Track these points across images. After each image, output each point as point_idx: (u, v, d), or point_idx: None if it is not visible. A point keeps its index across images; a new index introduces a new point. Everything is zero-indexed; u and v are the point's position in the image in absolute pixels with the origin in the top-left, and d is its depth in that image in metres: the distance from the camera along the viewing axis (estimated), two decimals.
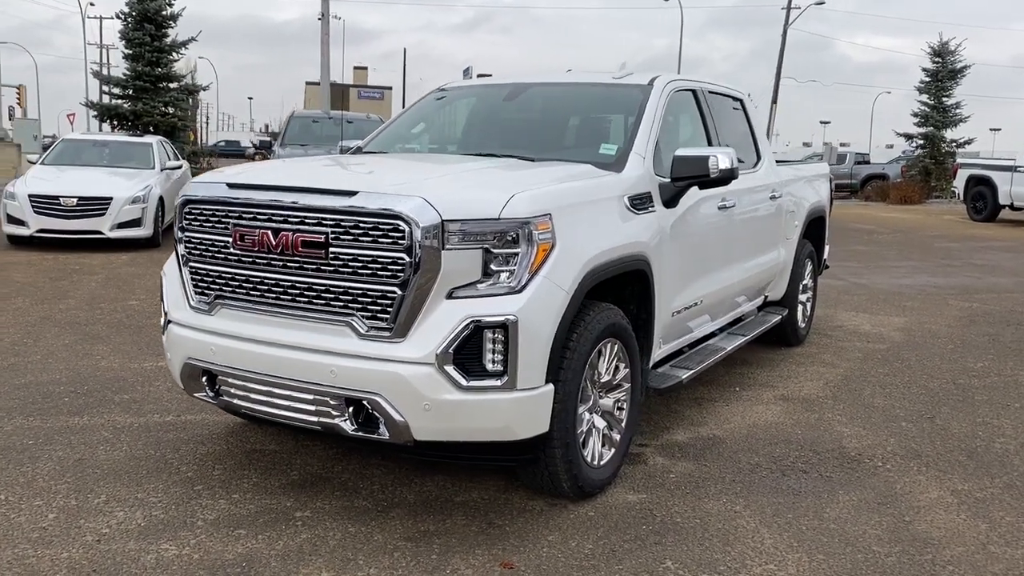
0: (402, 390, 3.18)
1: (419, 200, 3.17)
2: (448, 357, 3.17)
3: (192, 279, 3.70)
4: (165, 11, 21.29)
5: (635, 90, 4.61)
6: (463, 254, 3.20)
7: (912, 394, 5.62)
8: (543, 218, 3.31)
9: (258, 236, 3.41)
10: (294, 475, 3.96)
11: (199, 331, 3.67)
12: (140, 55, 21.24)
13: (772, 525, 3.57)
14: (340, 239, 3.25)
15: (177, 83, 22.21)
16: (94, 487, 3.75)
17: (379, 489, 3.82)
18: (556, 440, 3.46)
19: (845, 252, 14.08)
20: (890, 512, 3.73)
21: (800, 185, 6.58)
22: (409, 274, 3.16)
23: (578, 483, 3.61)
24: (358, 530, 3.42)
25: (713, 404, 5.27)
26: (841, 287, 10.27)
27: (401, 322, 3.20)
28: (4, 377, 5.40)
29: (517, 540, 3.37)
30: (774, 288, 6.37)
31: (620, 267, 3.78)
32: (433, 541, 3.34)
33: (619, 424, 3.96)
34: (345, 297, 3.29)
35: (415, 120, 5.22)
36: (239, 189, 3.55)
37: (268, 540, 3.30)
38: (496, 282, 3.24)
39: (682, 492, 3.89)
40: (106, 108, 21.60)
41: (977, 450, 4.58)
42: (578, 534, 3.43)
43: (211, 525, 3.42)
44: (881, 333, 7.53)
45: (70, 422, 4.58)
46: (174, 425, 4.57)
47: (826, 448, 4.53)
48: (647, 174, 4.16)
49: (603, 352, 3.75)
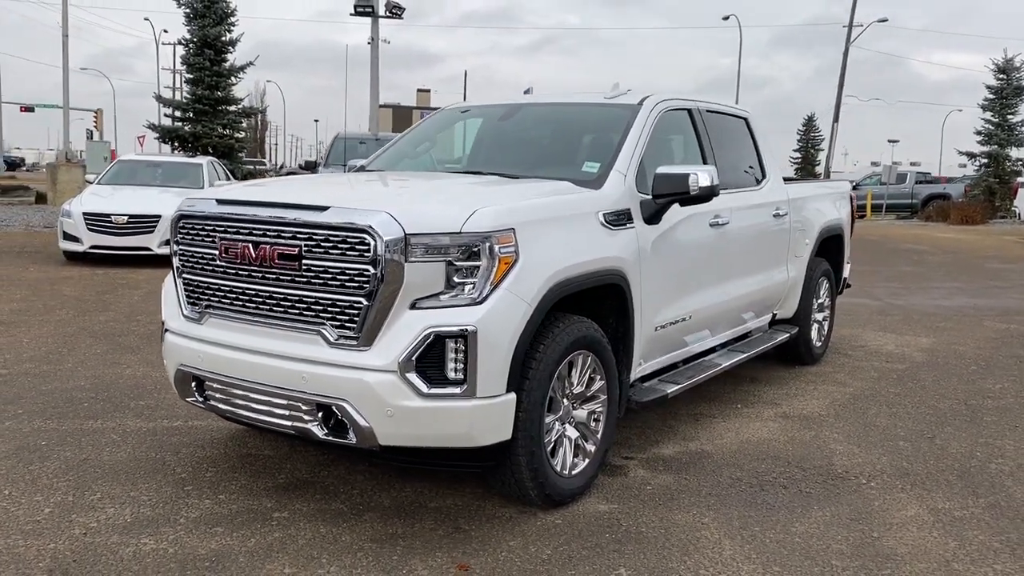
0: (366, 396, 3.33)
1: (384, 215, 3.32)
2: (410, 365, 3.31)
3: (185, 290, 3.92)
4: (224, 37, 22.07)
5: (624, 110, 4.71)
6: (426, 266, 3.34)
7: (919, 414, 5.55)
8: (506, 232, 3.43)
9: (240, 249, 3.61)
10: (281, 478, 4.14)
11: (190, 339, 3.88)
12: (200, 79, 22.06)
13: (736, 537, 3.61)
14: (312, 251, 3.43)
15: (235, 106, 22.94)
16: (92, 485, 3.98)
17: (358, 493, 3.97)
18: (520, 448, 3.56)
19: (890, 273, 13.85)
20: (860, 528, 3.73)
21: (812, 203, 6.57)
22: (374, 285, 3.31)
23: (545, 491, 3.70)
24: (328, 531, 3.56)
25: (710, 420, 5.30)
26: (875, 307, 10.12)
27: (367, 331, 3.35)
28: (34, 383, 5.72)
29: (479, 544, 3.47)
30: (784, 306, 6.36)
31: (592, 281, 3.87)
32: (397, 543, 3.47)
33: (594, 435, 4.04)
34: (316, 307, 3.46)
35: (418, 140, 5.40)
36: (226, 205, 3.76)
37: (242, 538, 3.47)
38: (458, 293, 3.37)
39: (654, 503, 3.94)
40: (167, 130, 22.46)
41: (970, 470, 4.52)
42: (539, 540, 3.52)
43: (192, 522, 3.61)
44: (904, 353, 7.43)
45: (84, 425, 4.84)
46: (180, 430, 4.80)
47: (813, 465, 4.53)
48: (627, 191, 4.25)
49: (575, 364, 3.85)
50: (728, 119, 5.73)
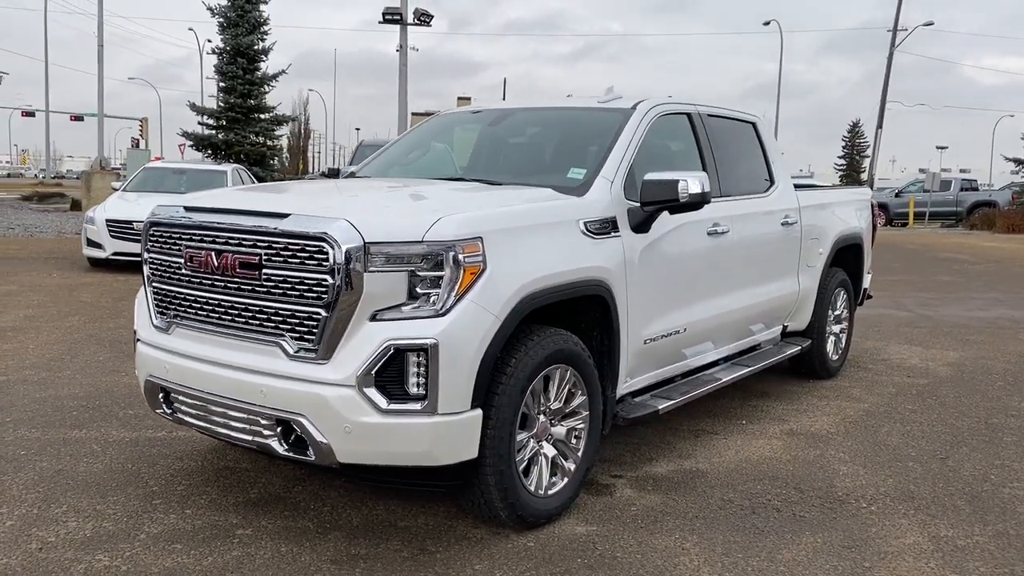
0: (324, 412, 3.20)
1: (343, 223, 3.19)
2: (369, 379, 3.17)
3: (154, 299, 3.84)
4: (257, 46, 22.29)
5: (616, 115, 4.54)
6: (387, 276, 3.20)
7: (934, 432, 5.27)
8: (472, 241, 3.28)
9: (203, 257, 3.51)
10: (253, 493, 4.02)
11: (158, 349, 3.79)
12: (233, 88, 22.30)
13: (716, 564, 3.40)
14: (272, 260, 3.31)
15: (268, 114, 23.13)
16: (60, 497, 3.91)
17: (328, 510, 3.84)
18: (489, 467, 3.40)
19: (925, 283, 13.44)
20: (852, 557, 3.50)
21: (826, 210, 6.32)
22: (333, 295, 3.18)
23: (517, 512, 3.54)
24: (289, 550, 3.43)
25: (711, 437, 5.08)
26: (905, 319, 9.77)
27: (325, 343, 3.23)
28: (29, 390, 5.70)
29: (442, 568, 3.32)
30: (795, 318, 6.11)
31: (570, 292, 3.71)
32: (358, 565, 3.32)
33: (575, 453, 3.86)
34: (276, 318, 3.34)
35: (410, 146, 5.28)
36: (193, 212, 3.66)
37: (198, 556, 3.36)
38: (421, 305, 3.23)
39: (636, 526, 3.75)
40: (200, 138, 22.72)
41: (981, 494, 4.25)
42: (507, 564, 3.36)
43: (152, 538, 3.50)
44: (928, 367, 7.12)
45: (68, 434, 4.79)
46: (162, 441, 4.72)
47: (813, 487, 4.30)
48: (614, 198, 4.08)
49: (552, 378, 3.68)
50: (734, 124, 5.53)
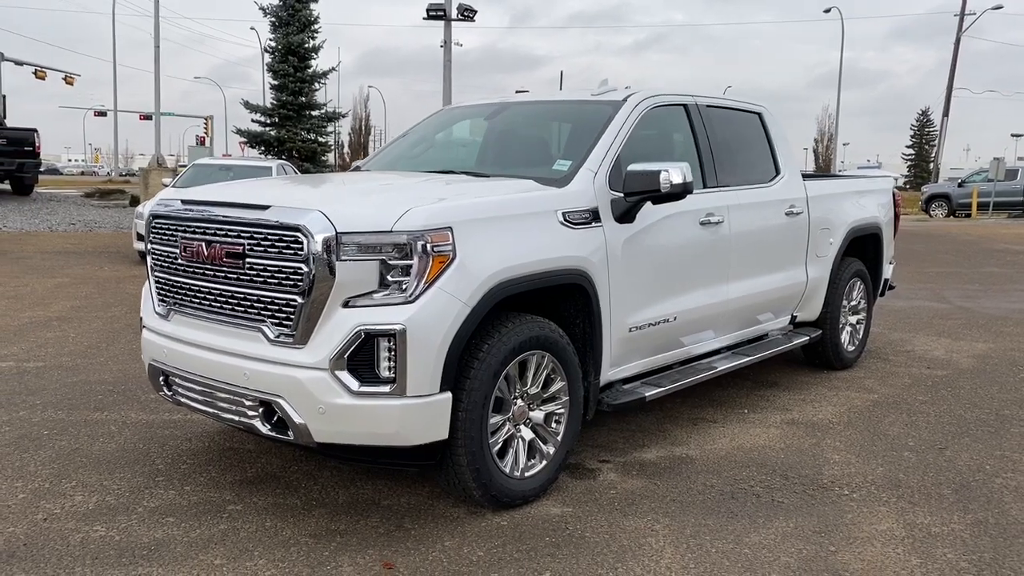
0: (299, 393, 3.38)
1: (317, 214, 3.36)
2: (341, 363, 3.33)
3: (156, 287, 4.06)
4: (308, 44, 22.76)
5: (605, 106, 4.62)
6: (358, 265, 3.35)
7: (939, 423, 5.23)
8: (441, 231, 3.41)
9: (195, 247, 3.71)
10: (251, 472, 4.23)
11: (159, 335, 4.02)
12: (284, 85, 22.82)
13: (681, 546, 3.48)
14: (254, 250, 3.50)
15: (319, 110, 23.61)
16: (72, 474, 4.17)
17: (319, 489, 4.02)
18: (460, 448, 3.53)
19: (972, 274, 13.14)
20: (819, 541, 3.54)
21: (838, 200, 6.28)
22: (308, 283, 3.35)
23: (491, 492, 3.66)
24: (273, 524, 3.62)
25: (709, 425, 5.13)
26: (941, 310, 9.60)
27: (302, 329, 3.40)
28: (63, 375, 6.03)
29: (414, 543, 3.47)
30: (805, 308, 6.10)
31: (546, 280, 3.81)
32: (334, 539, 3.49)
33: (554, 437, 3.97)
34: (259, 304, 3.52)
35: (413, 140, 5.43)
36: (189, 204, 3.87)
37: (187, 528, 3.57)
38: (392, 292, 3.37)
39: (611, 508, 3.85)
40: (253, 135, 23.31)
41: (971, 484, 4.23)
42: (476, 541, 3.49)
43: (148, 512, 3.73)
44: (951, 359, 7.02)
45: (89, 416, 5.07)
46: (176, 423, 4.97)
47: (800, 474, 4.33)
48: (597, 189, 4.17)
49: (528, 364, 3.79)
50: (737, 114, 5.55)
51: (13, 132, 20.73)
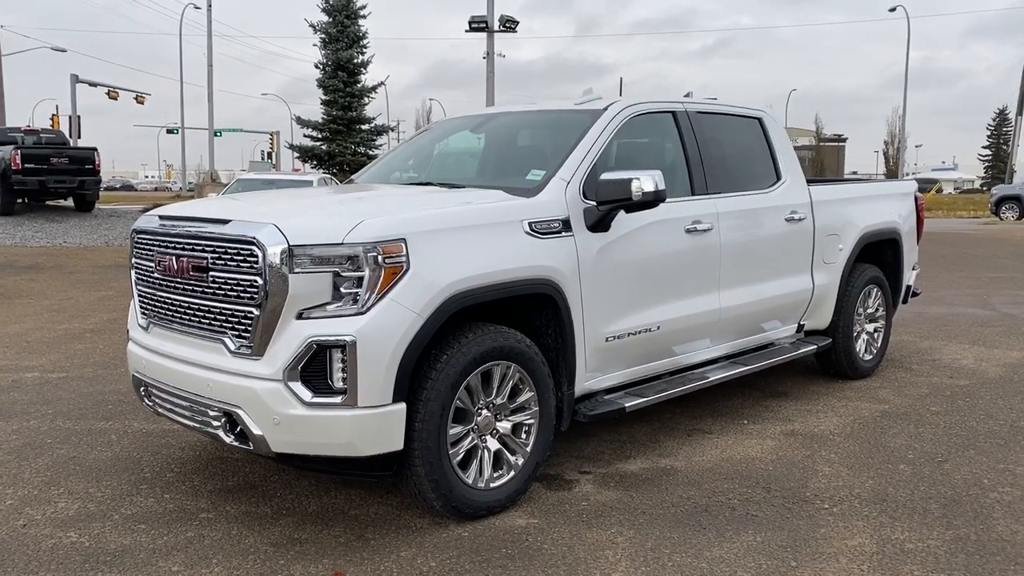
0: (256, 404, 3.44)
1: (271, 227, 3.42)
2: (295, 374, 3.39)
3: (139, 300, 4.19)
4: (357, 59, 23.17)
5: (584, 116, 4.60)
6: (311, 277, 3.40)
7: (946, 435, 5.05)
8: (394, 243, 3.44)
9: (168, 261, 3.82)
10: (231, 481, 4.31)
11: (140, 347, 4.14)
12: (334, 100, 23.28)
13: (638, 559, 3.43)
14: (216, 264, 3.58)
15: (368, 124, 24.01)
16: (62, 481, 4.31)
17: (293, 498, 4.08)
18: (417, 458, 3.55)
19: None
20: (782, 556, 3.45)
21: (847, 205, 6.12)
22: (263, 295, 3.42)
23: (451, 503, 3.67)
24: (239, 532, 3.69)
25: (703, 436, 5.05)
26: (982, 318, 9.26)
27: (258, 341, 3.46)
28: (80, 386, 6.24)
29: (370, 553, 3.49)
30: (813, 316, 5.96)
31: (508, 291, 3.80)
32: (294, 548, 3.54)
33: (522, 448, 3.95)
34: (220, 317, 3.60)
35: (406, 152, 5.49)
36: (165, 220, 3.99)
37: (155, 536, 3.66)
38: (345, 304, 3.41)
39: (577, 520, 3.81)
40: (305, 149, 23.82)
41: (962, 498, 4.07)
42: (432, 552, 3.49)
43: (123, 519, 3.84)
44: (978, 368, 6.76)
45: (94, 425, 5.24)
46: (173, 432, 5.10)
47: (783, 487, 4.22)
48: (569, 199, 4.14)
49: (492, 374, 3.79)
50: (732, 120, 5.46)
51: (75, 151, 21.56)
